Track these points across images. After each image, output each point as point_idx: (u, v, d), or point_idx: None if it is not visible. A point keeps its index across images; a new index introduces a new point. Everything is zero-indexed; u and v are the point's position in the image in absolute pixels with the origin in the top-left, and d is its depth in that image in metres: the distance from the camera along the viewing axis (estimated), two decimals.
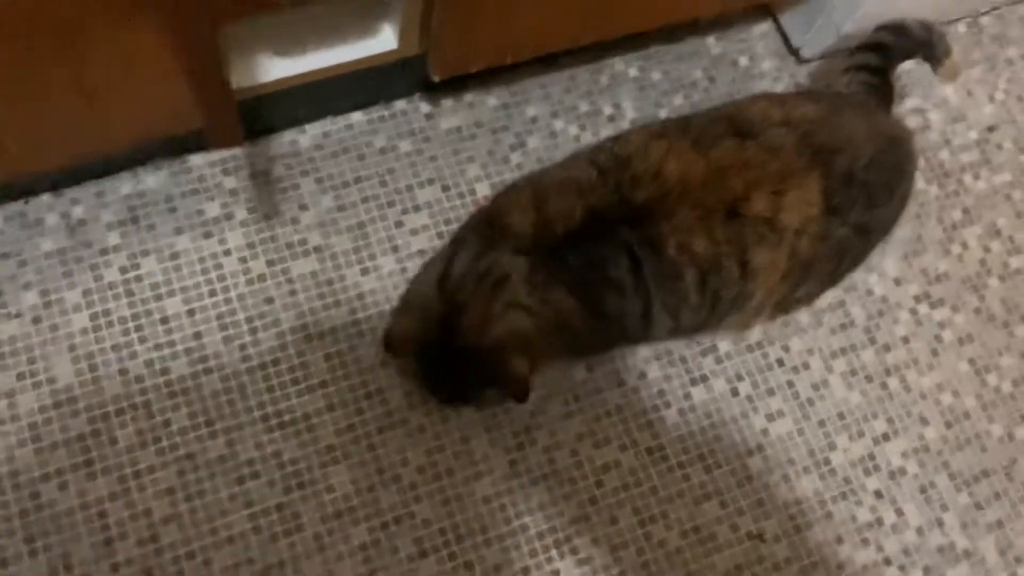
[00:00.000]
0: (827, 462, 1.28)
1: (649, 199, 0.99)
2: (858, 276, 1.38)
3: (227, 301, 1.23)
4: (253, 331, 1.22)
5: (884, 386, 1.33)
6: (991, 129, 1.51)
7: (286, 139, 1.32)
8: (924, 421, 1.32)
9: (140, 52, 0.96)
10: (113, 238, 1.23)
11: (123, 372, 1.18)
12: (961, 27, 1.57)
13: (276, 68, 1.16)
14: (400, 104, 1.36)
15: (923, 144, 1.48)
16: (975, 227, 1.44)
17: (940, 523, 1.28)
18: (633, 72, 1.44)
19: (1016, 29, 1.58)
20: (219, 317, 1.22)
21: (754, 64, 1.48)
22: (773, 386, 1.31)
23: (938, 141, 1.49)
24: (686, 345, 1.31)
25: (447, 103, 1.38)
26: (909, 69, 1.51)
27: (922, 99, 1.50)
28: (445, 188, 1.33)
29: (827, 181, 1.02)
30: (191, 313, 1.22)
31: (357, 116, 1.35)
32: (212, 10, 0.91)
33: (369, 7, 1.16)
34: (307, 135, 1.32)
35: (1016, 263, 1.43)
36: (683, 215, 0.98)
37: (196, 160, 1.28)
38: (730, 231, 1.00)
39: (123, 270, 1.22)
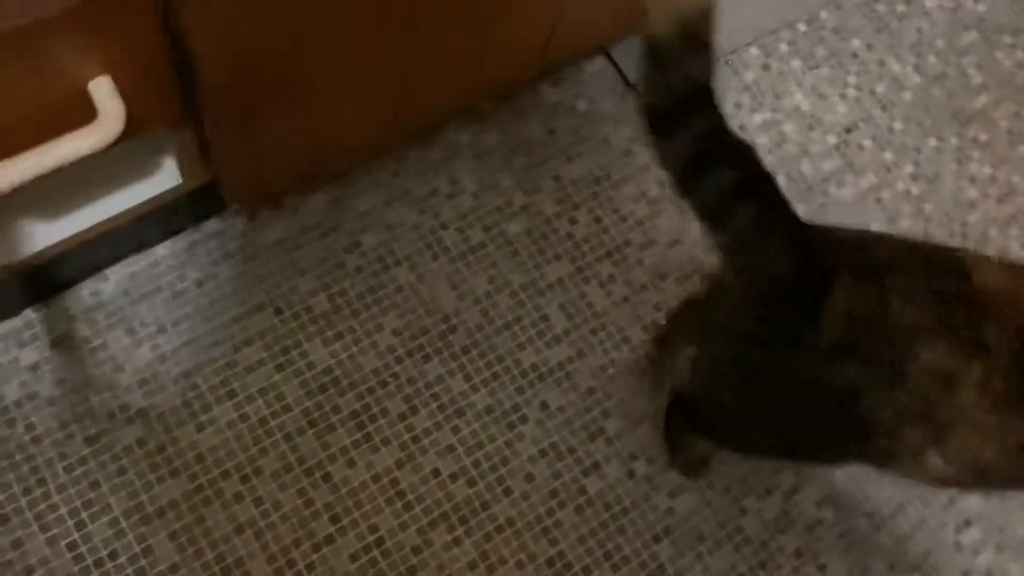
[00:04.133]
0: (739, 530, 1.19)
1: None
2: None
3: (45, 496, 1.07)
4: (80, 525, 1.07)
5: None
6: (848, 130, 1.44)
7: (86, 291, 1.16)
8: None
9: None
10: None
11: None
12: (801, 26, 1.49)
13: (50, 232, 1.00)
14: (212, 224, 1.22)
15: (781, 158, 1.40)
16: None
17: (865, 570, 1.20)
18: (466, 139, 1.32)
19: (856, 18, 1.51)
20: (39, 517, 1.06)
21: (594, 107, 1.37)
22: None
23: (796, 153, 1.41)
24: (572, 433, 1.20)
25: (265, 213, 1.23)
26: (756, 79, 1.43)
27: (772, 111, 1.42)
28: (278, 311, 1.19)
29: None
30: (4, 520, 1.05)
31: (164, 249, 1.19)
32: None
33: (143, 148, 1.01)
34: (110, 282, 1.17)
35: None
36: None
37: None
38: None
39: None
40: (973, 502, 1.26)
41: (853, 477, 1.24)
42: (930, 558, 1.22)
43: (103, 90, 0.73)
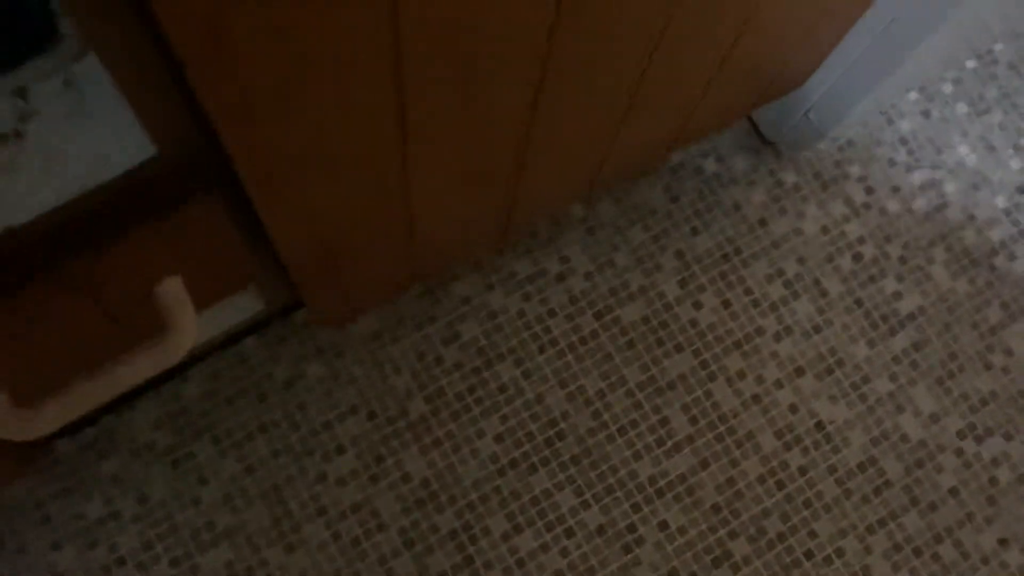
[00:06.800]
0: None
1: None
2: (887, 420, 1.14)
3: None
4: None
5: (936, 557, 1.10)
6: (1022, 190, 1.24)
7: (166, 394, 1.08)
8: None
9: None
10: None
11: None
12: (970, 63, 1.27)
13: None
14: (302, 314, 1.11)
15: (942, 229, 1.21)
16: (1018, 323, 1.19)
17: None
18: (577, 211, 1.18)
19: None
20: None
21: (724, 167, 1.20)
22: None
23: (960, 220, 1.22)
24: (694, 557, 1.08)
25: None
26: (914, 129, 1.23)
27: (932, 168, 1.23)
28: (372, 415, 1.09)
29: None
30: None
31: (250, 343, 1.10)
32: None
33: None
34: (192, 383, 1.08)
35: None
36: None
37: (63, 447, 1.05)
38: None
39: None
40: None
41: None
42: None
43: (172, 295, 0.61)
